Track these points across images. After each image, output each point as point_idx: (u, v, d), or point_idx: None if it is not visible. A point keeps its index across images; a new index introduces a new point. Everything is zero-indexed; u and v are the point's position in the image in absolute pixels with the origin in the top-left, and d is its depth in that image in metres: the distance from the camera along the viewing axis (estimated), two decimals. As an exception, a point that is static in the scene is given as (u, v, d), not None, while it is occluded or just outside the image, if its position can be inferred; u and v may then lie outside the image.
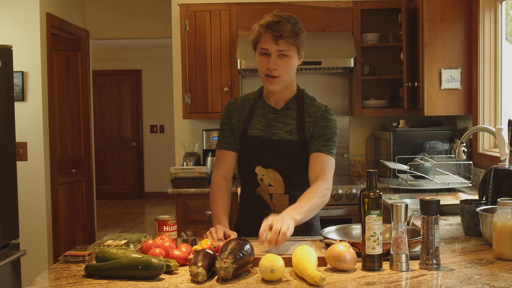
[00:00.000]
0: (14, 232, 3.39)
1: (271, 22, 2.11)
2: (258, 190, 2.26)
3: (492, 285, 1.53)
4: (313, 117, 2.24)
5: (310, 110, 2.26)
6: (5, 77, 3.33)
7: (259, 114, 2.28)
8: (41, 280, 1.69)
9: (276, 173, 2.23)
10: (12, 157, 3.41)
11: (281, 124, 2.24)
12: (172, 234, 1.99)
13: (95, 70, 7.86)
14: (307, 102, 2.28)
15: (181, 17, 4.15)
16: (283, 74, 2.16)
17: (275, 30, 2.09)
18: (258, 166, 2.24)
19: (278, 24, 2.10)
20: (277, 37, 2.10)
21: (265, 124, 2.25)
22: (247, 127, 2.26)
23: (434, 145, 3.90)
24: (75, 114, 5.26)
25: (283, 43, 2.11)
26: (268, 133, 2.24)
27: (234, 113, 2.31)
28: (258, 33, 2.14)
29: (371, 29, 4.36)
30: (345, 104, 4.47)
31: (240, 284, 1.59)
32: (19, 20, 4.52)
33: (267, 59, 2.14)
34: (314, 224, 2.33)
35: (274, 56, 2.13)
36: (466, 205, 2.16)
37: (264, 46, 2.13)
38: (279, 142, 2.22)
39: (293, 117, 2.24)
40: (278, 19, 2.12)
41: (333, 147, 2.21)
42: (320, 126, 2.22)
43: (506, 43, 3.61)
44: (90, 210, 5.50)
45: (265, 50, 2.13)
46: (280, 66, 2.14)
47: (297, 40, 2.13)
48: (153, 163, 9.90)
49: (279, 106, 2.27)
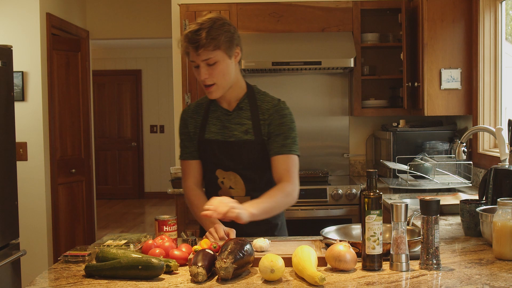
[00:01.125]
0: (14, 232, 3.39)
1: (187, 34, 2.06)
2: (220, 193, 2.24)
3: (492, 285, 1.53)
4: (266, 114, 2.20)
5: (263, 107, 2.22)
6: (5, 77, 3.33)
7: (214, 118, 2.25)
8: (41, 280, 1.69)
9: (236, 175, 2.21)
10: (12, 157, 3.41)
11: (236, 125, 2.22)
12: (172, 234, 1.99)
13: (95, 70, 7.86)
14: (259, 98, 2.24)
15: (181, 17, 4.15)
16: (218, 81, 2.12)
17: (191, 42, 2.05)
18: (218, 169, 2.23)
19: (194, 34, 2.04)
20: (196, 48, 2.05)
21: (220, 126, 2.23)
22: (204, 132, 2.24)
23: (434, 145, 3.91)
24: (75, 114, 5.26)
25: (203, 52, 2.05)
26: (224, 136, 2.22)
27: (189, 121, 2.28)
28: (184, 46, 2.10)
29: (371, 29, 4.36)
30: (345, 104, 4.47)
31: (240, 284, 1.59)
32: (19, 20, 4.52)
33: (198, 70, 2.11)
34: (278, 224, 2.31)
35: (202, 66, 2.09)
36: (466, 205, 2.15)
37: (191, 58, 2.10)
38: (236, 144, 2.19)
39: (247, 117, 2.21)
40: (195, 27, 2.05)
41: (292, 143, 2.18)
42: (275, 124, 2.19)
43: (506, 43, 3.61)
44: (90, 210, 5.50)
45: (193, 63, 2.11)
46: (211, 74, 2.10)
47: (218, 44, 2.06)
48: (153, 163, 9.90)
49: (232, 107, 2.24)
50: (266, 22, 4.15)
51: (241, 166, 2.21)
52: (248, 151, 2.19)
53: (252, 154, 2.19)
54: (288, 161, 2.16)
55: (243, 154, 2.19)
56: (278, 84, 4.45)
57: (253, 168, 2.21)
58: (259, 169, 2.22)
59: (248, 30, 4.15)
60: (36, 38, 4.55)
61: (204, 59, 2.07)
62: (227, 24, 2.11)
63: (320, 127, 4.48)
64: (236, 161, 2.20)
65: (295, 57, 3.99)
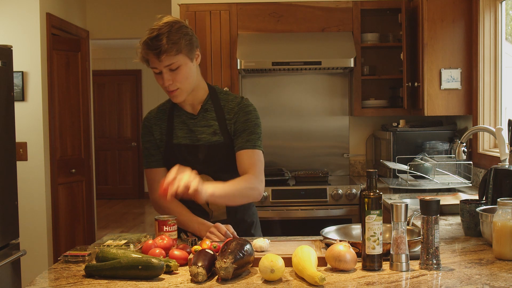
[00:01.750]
0: (14, 232, 3.39)
1: (147, 41, 2.01)
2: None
3: (492, 285, 1.53)
4: (232, 113, 2.19)
5: (228, 106, 2.20)
6: (5, 77, 3.33)
7: (179, 122, 2.22)
8: (41, 280, 1.69)
9: (209, 178, 2.16)
10: (12, 157, 3.41)
11: (203, 127, 2.19)
12: (172, 234, 1.99)
13: (95, 70, 7.85)
14: (222, 98, 2.22)
15: (181, 17, 4.15)
16: (181, 85, 2.10)
17: (152, 49, 2.01)
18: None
19: (154, 40, 2.00)
20: (157, 55, 2.01)
21: (187, 131, 2.20)
22: (171, 137, 2.20)
23: (434, 145, 3.90)
24: (75, 114, 5.26)
25: (165, 58, 2.02)
26: (192, 139, 2.18)
27: (154, 127, 2.24)
28: (142, 54, 2.06)
29: (371, 29, 4.36)
30: (345, 104, 4.47)
31: (240, 284, 1.59)
32: (19, 20, 4.52)
33: (160, 76, 2.08)
34: (254, 221, 2.32)
35: (165, 72, 2.06)
36: (466, 205, 2.15)
37: (152, 65, 2.06)
38: (205, 147, 2.17)
39: (213, 118, 2.19)
40: (154, 34, 2.01)
41: (257, 139, 2.17)
42: (241, 122, 2.17)
43: (506, 43, 3.61)
44: (90, 210, 5.50)
45: (155, 69, 2.08)
46: (175, 79, 2.08)
47: (179, 48, 2.03)
48: (153, 163, 9.88)
49: (196, 109, 2.21)
50: (266, 22, 4.15)
51: (213, 169, 2.17)
52: (218, 153, 2.17)
53: (222, 155, 2.17)
54: (253, 156, 2.14)
55: (213, 157, 2.17)
56: (278, 84, 4.45)
57: (225, 169, 2.18)
58: (232, 169, 2.17)
59: (248, 30, 4.15)
60: (36, 38, 4.55)
61: (166, 65, 2.04)
62: (184, 26, 2.07)
63: (320, 127, 4.48)
64: (208, 164, 2.17)
65: (295, 57, 3.99)
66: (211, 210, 2.23)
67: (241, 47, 4.03)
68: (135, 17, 6.09)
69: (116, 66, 9.89)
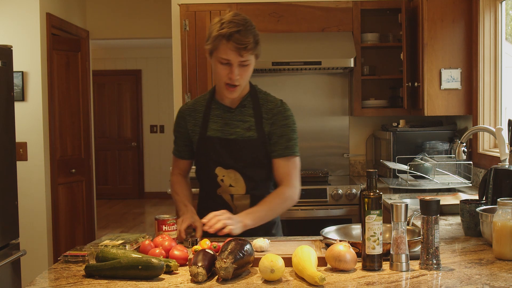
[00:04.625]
0: (14, 232, 3.39)
1: (233, 33, 2.04)
2: (219, 191, 2.24)
3: (492, 285, 1.53)
4: (270, 114, 2.22)
5: (266, 106, 2.24)
6: (5, 77, 3.33)
7: (215, 115, 2.25)
8: (41, 280, 1.69)
9: (236, 173, 2.21)
10: (12, 157, 3.41)
11: (238, 122, 2.22)
12: (172, 234, 1.99)
13: (95, 70, 7.86)
14: (261, 97, 2.26)
15: (181, 17, 4.15)
16: (243, 81, 2.15)
17: (239, 43, 2.05)
18: (218, 167, 2.22)
19: (241, 35, 2.04)
20: (240, 49, 2.05)
21: (221, 124, 2.23)
22: (205, 129, 2.24)
23: (434, 145, 3.90)
24: (75, 114, 5.26)
25: (245, 54, 2.07)
26: (225, 133, 2.22)
27: (188, 118, 2.28)
28: (217, 41, 2.08)
29: (371, 29, 4.36)
30: (345, 104, 4.47)
31: (240, 284, 1.59)
32: (19, 20, 4.52)
33: (228, 68, 2.10)
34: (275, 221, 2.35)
35: (236, 66, 2.09)
36: (466, 205, 2.15)
37: (226, 56, 2.08)
38: (237, 141, 2.20)
39: (250, 114, 2.23)
40: (238, 28, 2.05)
41: (294, 145, 2.22)
42: (279, 125, 2.21)
43: (506, 43, 3.61)
44: (90, 210, 5.50)
45: (226, 61, 2.09)
46: (241, 75, 2.12)
47: (257, 49, 2.12)
48: (153, 163, 9.90)
49: (235, 104, 2.25)
50: (266, 22, 4.15)
51: (242, 164, 2.21)
52: (249, 148, 2.20)
53: (254, 152, 2.20)
54: (290, 164, 2.21)
55: (244, 152, 2.20)
56: (278, 84, 4.45)
57: (254, 166, 2.22)
58: (260, 167, 2.22)
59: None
60: (36, 38, 4.55)
61: (242, 61, 2.09)
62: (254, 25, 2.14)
63: (320, 127, 4.48)
64: (238, 159, 2.20)
65: (295, 57, 3.99)
66: (235, 205, 2.25)
67: (241, 47, 4.03)
68: (135, 17, 6.10)
69: (116, 66, 9.90)
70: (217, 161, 2.22)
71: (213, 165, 2.23)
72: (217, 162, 2.22)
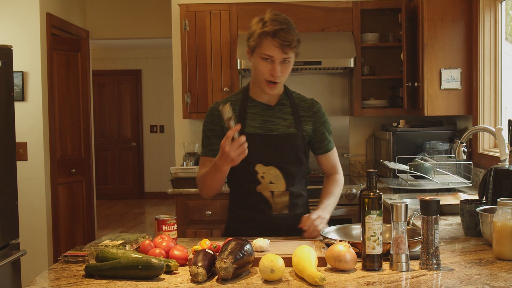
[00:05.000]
0: (14, 232, 3.39)
1: (278, 30, 2.11)
2: (259, 188, 2.24)
3: (492, 285, 1.54)
4: (310, 112, 2.30)
5: (302, 105, 2.31)
6: (5, 77, 3.33)
7: (252, 113, 2.27)
8: (41, 280, 1.69)
9: (276, 170, 2.23)
10: (12, 157, 3.41)
11: (278, 119, 2.26)
12: (171, 234, 1.99)
13: (95, 70, 7.86)
14: (296, 96, 2.34)
15: (181, 17, 4.15)
16: (283, 79, 2.20)
17: (283, 40, 2.11)
18: (258, 164, 2.23)
19: (285, 33, 2.11)
20: (284, 46, 2.11)
21: (261, 121, 2.25)
22: (243, 127, 2.23)
23: (434, 145, 3.90)
24: (75, 114, 5.26)
25: (289, 51, 2.13)
26: (266, 130, 2.24)
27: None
28: (261, 38, 2.13)
29: (371, 29, 4.36)
30: (345, 104, 4.47)
31: (240, 284, 1.59)
32: (19, 20, 4.52)
33: (271, 65, 2.15)
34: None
35: (278, 63, 2.14)
36: (466, 205, 2.15)
37: (269, 53, 2.13)
38: (279, 137, 2.24)
39: (289, 112, 2.28)
40: (282, 26, 2.12)
41: (332, 137, 2.38)
42: (320, 123, 2.32)
43: (506, 43, 3.61)
44: (90, 210, 5.50)
45: (269, 57, 2.14)
46: (282, 73, 2.17)
47: (299, 47, 2.19)
48: (153, 163, 9.90)
49: (273, 102, 2.28)
50: (266, 22, 4.14)
51: (282, 160, 2.24)
52: (290, 145, 2.25)
53: (294, 148, 2.25)
54: (334, 155, 2.39)
55: (286, 148, 2.24)
56: (278, 84, 4.44)
57: (293, 162, 2.26)
58: (299, 164, 2.27)
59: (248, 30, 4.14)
60: (36, 38, 4.55)
61: (284, 58, 2.14)
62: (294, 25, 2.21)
63: (320, 127, 4.47)
64: (279, 155, 2.23)
65: (295, 57, 3.98)
66: (275, 202, 2.25)
67: (241, 47, 4.03)
68: (135, 17, 6.10)
69: (116, 66, 9.90)
70: (258, 158, 2.22)
71: (254, 161, 2.22)
72: (258, 159, 2.22)
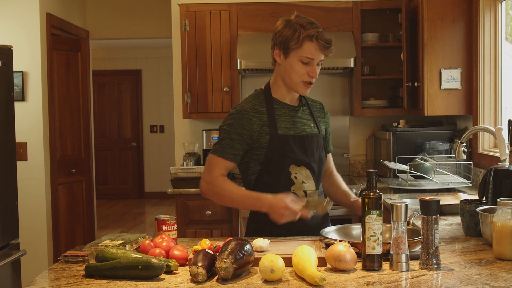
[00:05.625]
0: (14, 232, 3.39)
1: (319, 33, 2.16)
2: (293, 188, 2.23)
3: (492, 285, 1.54)
4: (322, 113, 2.41)
5: (315, 106, 2.40)
6: (5, 77, 3.33)
7: (281, 115, 2.26)
8: (41, 280, 1.69)
9: (306, 170, 2.26)
10: (12, 157, 3.41)
11: (303, 119, 2.31)
12: (171, 234, 1.99)
13: (95, 70, 7.86)
14: (307, 98, 2.39)
15: (181, 17, 4.15)
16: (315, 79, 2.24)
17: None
18: (292, 165, 2.23)
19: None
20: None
21: (290, 122, 2.26)
22: (275, 129, 2.21)
23: (434, 145, 3.90)
24: (75, 114, 5.26)
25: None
26: (296, 130, 2.27)
27: (253, 120, 2.21)
28: (303, 41, 2.15)
29: (371, 29, 4.36)
30: (345, 104, 4.47)
31: (240, 284, 1.59)
32: (19, 20, 4.52)
33: (309, 67, 2.18)
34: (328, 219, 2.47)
35: (315, 65, 2.19)
36: (466, 205, 2.15)
37: (310, 55, 2.16)
38: (308, 137, 2.28)
39: (308, 113, 2.35)
40: (318, 28, 2.17)
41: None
42: (328, 124, 2.44)
43: (506, 43, 3.61)
44: (90, 210, 5.50)
45: (309, 59, 2.17)
46: (317, 74, 2.22)
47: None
48: (153, 163, 9.90)
49: (295, 103, 2.32)
50: (266, 22, 4.15)
51: (310, 159, 2.27)
52: (317, 145, 2.30)
53: (319, 148, 2.31)
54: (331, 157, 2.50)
55: (314, 148, 2.29)
56: (278, 84, 4.44)
57: (319, 161, 2.30)
58: (322, 163, 2.33)
59: (248, 30, 4.15)
60: (36, 38, 4.55)
61: (321, 60, 2.20)
62: None
63: (320, 127, 4.47)
64: (308, 154, 2.26)
65: (295, 57, 3.98)
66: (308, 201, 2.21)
67: (241, 47, 4.03)
68: (135, 17, 6.10)
69: (116, 66, 9.90)
70: (291, 158, 2.23)
71: (288, 162, 2.22)
72: (291, 160, 2.23)
